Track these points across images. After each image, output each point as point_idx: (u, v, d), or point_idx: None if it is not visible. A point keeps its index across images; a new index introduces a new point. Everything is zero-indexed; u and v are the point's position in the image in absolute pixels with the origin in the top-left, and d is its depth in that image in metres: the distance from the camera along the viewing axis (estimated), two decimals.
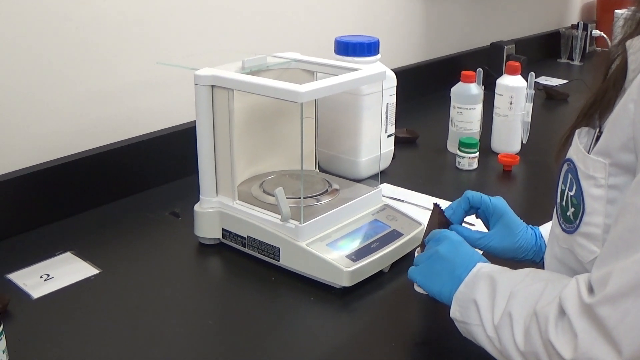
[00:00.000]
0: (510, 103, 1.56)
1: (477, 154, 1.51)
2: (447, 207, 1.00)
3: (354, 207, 1.11)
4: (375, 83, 1.20)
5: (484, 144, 1.59)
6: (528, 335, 0.70)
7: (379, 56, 1.38)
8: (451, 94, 1.59)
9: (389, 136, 1.45)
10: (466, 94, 1.56)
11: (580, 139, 0.76)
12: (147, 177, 1.36)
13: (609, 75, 0.74)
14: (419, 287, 0.93)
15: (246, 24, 1.54)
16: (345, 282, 0.99)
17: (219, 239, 1.13)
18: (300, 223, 1.02)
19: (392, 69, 1.42)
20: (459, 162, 1.51)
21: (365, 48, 1.34)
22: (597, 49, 2.80)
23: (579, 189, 0.73)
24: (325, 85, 1.02)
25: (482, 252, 0.93)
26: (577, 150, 0.75)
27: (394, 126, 1.46)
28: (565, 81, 2.32)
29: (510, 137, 1.59)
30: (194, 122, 1.10)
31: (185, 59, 1.36)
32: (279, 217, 1.04)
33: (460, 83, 1.57)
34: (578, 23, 2.65)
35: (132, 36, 1.32)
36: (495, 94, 1.58)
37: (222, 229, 1.12)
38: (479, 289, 0.78)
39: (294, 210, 1.04)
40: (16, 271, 1.05)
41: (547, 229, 0.92)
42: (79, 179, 1.25)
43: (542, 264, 0.93)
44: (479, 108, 1.57)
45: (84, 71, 1.26)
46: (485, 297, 0.76)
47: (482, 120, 1.61)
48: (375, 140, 1.36)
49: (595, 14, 2.92)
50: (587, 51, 2.70)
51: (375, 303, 1.00)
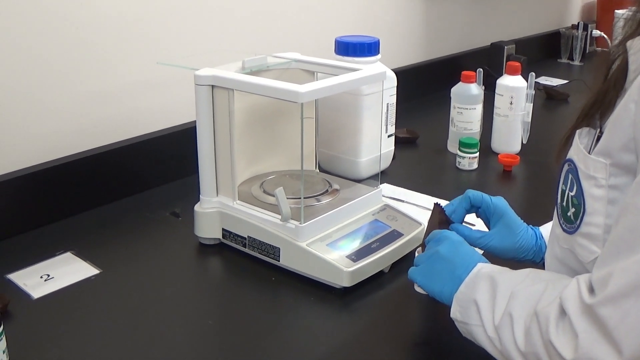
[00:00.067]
0: (511, 103, 1.56)
1: (477, 154, 1.51)
2: (448, 203, 1.00)
3: (354, 207, 1.11)
4: (376, 83, 1.20)
5: (484, 144, 1.59)
6: (529, 335, 0.69)
7: (379, 56, 1.38)
8: (451, 94, 1.58)
9: (389, 136, 1.45)
10: (466, 94, 1.56)
11: (581, 139, 0.76)
12: (147, 177, 1.36)
13: (610, 76, 0.74)
14: (419, 288, 0.93)
15: (246, 24, 1.54)
16: (346, 282, 0.99)
17: (219, 239, 1.13)
18: (300, 223, 1.02)
19: (392, 69, 1.42)
20: (459, 162, 1.51)
21: (365, 48, 1.34)
22: (597, 49, 2.80)
23: (580, 189, 0.73)
24: (326, 86, 1.02)
25: (482, 251, 0.93)
26: (577, 150, 0.75)
27: (394, 126, 1.46)
28: (565, 81, 2.31)
29: (510, 137, 1.59)
30: (194, 122, 1.10)
31: (186, 59, 1.36)
32: (279, 217, 1.03)
33: (460, 83, 1.57)
34: (578, 23, 2.65)
35: (132, 36, 1.32)
36: (496, 94, 1.58)
37: (223, 229, 1.12)
38: (479, 289, 0.78)
39: (294, 210, 1.04)
40: (16, 271, 1.05)
41: (547, 229, 0.92)
42: (79, 179, 1.25)
43: (542, 264, 0.93)
44: (479, 108, 1.57)
45: (84, 71, 1.26)
46: (485, 297, 0.76)
47: (483, 121, 1.61)
48: (375, 141, 1.36)
49: (595, 14, 2.92)
50: (587, 51, 2.70)
51: (376, 303, 1.00)
